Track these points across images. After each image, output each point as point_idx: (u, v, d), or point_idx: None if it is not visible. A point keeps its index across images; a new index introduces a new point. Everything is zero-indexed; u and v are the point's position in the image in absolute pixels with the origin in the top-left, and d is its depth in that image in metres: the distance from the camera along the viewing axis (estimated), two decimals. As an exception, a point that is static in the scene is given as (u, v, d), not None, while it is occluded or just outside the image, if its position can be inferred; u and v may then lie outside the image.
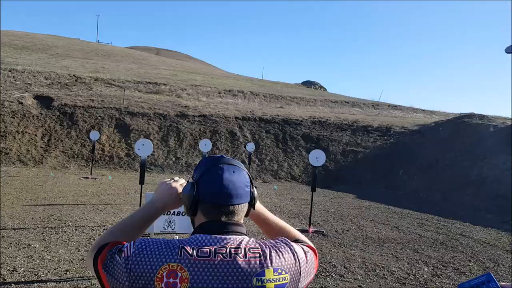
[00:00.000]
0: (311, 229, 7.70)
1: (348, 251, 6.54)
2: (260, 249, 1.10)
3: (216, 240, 1.09)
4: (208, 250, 1.07)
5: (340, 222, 8.97)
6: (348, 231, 8.08)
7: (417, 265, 6.07)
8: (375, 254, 6.51)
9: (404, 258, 6.40)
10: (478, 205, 12.14)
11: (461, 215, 10.93)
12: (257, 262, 1.07)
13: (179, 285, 1.02)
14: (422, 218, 10.13)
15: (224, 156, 1.23)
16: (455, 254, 6.85)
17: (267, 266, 1.07)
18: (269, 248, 1.12)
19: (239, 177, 1.17)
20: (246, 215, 1.24)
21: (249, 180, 1.21)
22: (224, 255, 1.06)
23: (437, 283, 5.29)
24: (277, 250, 1.13)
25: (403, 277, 5.43)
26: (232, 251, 1.07)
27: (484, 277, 0.99)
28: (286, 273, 1.10)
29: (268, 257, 1.09)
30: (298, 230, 1.38)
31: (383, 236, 7.86)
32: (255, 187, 1.25)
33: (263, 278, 1.06)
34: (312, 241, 5.45)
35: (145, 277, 1.03)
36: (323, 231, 7.76)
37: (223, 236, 1.11)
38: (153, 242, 1.09)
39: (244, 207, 1.19)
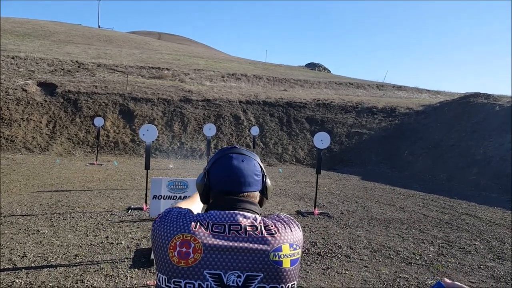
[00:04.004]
0: (316, 211, 7.73)
1: (353, 232, 6.58)
2: (274, 226, 1.13)
3: (230, 216, 1.13)
4: (223, 225, 1.10)
5: (345, 203, 9.00)
6: (353, 212, 8.12)
7: (423, 245, 6.11)
8: (381, 234, 6.55)
9: (410, 238, 6.43)
10: (484, 184, 12.13)
11: (466, 195, 10.94)
12: (274, 238, 1.11)
13: (192, 255, 1.06)
14: (428, 199, 10.15)
15: (237, 146, 1.28)
16: (460, 234, 6.88)
17: (284, 242, 1.11)
18: (282, 224, 1.15)
19: (248, 165, 1.21)
20: (261, 205, 1.27)
21: (259, 169, 1.24)
22: (239, 231, 1.10)
23: (442, 263, 5.32)
24: (290, 226, 1.16)
25: (408, 257, 5.47)
26: (248, 228, 1.11)
27: (435, 286, 1.02)
28: (299, 248, 1.14)
29: (284, 233, 1.13)
30: (304, 212, 1.41)
31: (388, 216, 7.89)
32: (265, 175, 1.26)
33: (280, 253, 1.09)
34: (317, 223, 5.46)
35: (161, 243, 1.10)
36: (328, 213, 7.79)
37: (236, 212, 1.14)
38: (174, 212, 1.16)
39: (255, 195, 1.22)
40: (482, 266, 5.27)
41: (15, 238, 5.37)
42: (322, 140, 8.10)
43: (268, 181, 1.26)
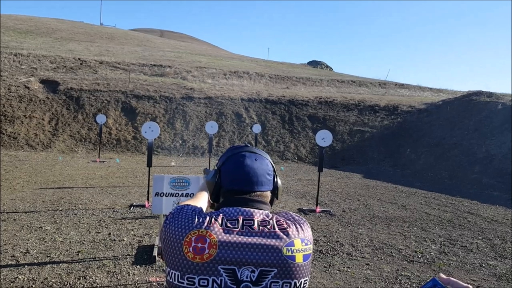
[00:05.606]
0: (318, 209, 7.74)
1: (355, 230, 6.59)
2: (285, 223, 1.15)
3: (243, 212, 1.14)
4: (236, 220, 1.11)
5: (347, 201, 9.01)
6: (355, 210, 8.12)
7: (425, 243, 6.11)
8: (383, 232, 6.55)
9: (412, 236, 6.43)
10: (486, 183, 12.11)
11: (468, 193, 10.93)
12: (286, 232, 1.12)
13: (207, 250, 1.06)
14: (429, 197, 10.14)
15: (249, 145, 1.29)
16: (462, 232, 6.87)
17: (295, 237, 1.12)
18: (293, 222, 1.17)
19: (261, 165, 1.22)
20: (271, 205, 1.27)
21: (272, 169, 1.25)
22: (252, 226, 1.11)
23: (444, 261, 5.32)
24: (300, 224, 1.17)
25: (410, 255, 5.47)
26: (260, 223, 1.12)
27: (430, 283, 1.02)
28: (310, 243, 1.16)
29: (295, 229, 1.14)
30: (305, 210, 1.42)
31: (390, 215, 7.89)
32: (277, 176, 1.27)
33: (293, 248, 1.10)
34: (319, 221, 5.47)
35: (175, 240, 1.09)
36: (330, 211, 7.79)
37: (250, 209, 1.15)
38: (188, 209, 1.16)
39: (266, 194, 1.23)
40: (484, 265, 5.27)
41: (18, 235, 5.39)
42: (324, 138, 8.10)
43: (279, 181, 1.27)
